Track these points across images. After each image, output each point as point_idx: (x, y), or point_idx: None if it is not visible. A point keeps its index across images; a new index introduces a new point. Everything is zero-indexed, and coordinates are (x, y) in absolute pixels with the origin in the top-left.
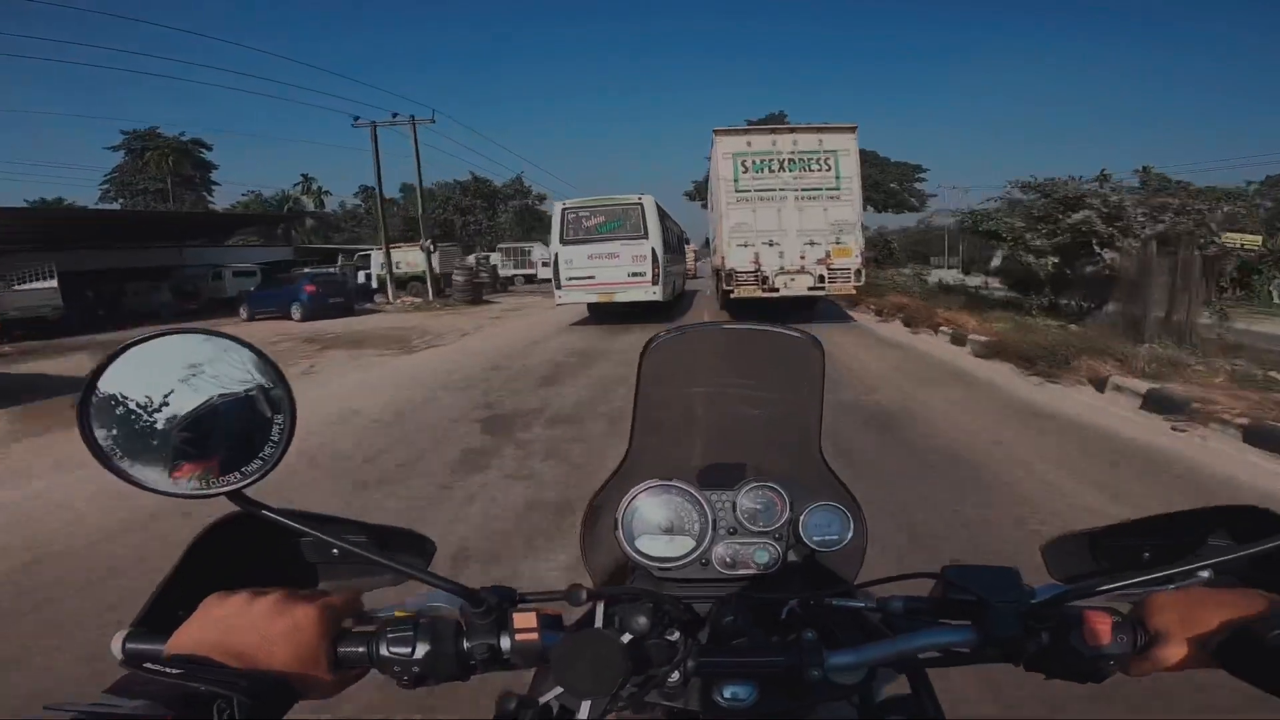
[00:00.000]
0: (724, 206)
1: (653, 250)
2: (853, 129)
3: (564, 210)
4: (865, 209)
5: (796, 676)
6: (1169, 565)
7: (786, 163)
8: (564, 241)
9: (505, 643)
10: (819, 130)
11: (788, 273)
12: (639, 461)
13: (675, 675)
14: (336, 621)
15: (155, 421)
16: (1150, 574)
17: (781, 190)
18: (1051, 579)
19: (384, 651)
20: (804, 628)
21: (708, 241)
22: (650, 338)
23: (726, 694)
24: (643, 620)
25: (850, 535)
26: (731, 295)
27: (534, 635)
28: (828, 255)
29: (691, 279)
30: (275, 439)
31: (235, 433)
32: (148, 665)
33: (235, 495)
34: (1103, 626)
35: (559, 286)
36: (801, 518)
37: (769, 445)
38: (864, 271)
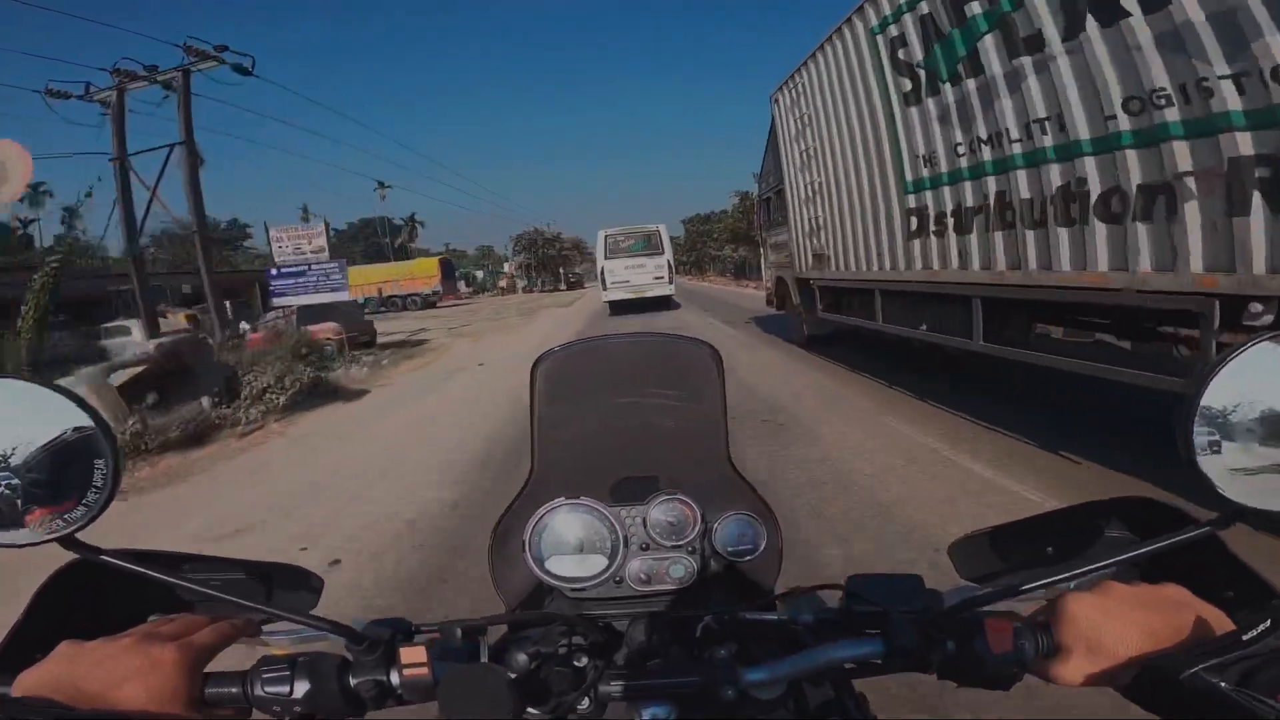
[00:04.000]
0: None
1: (667, 261)
2: None
3: (605, 236)
4: None
5: (714, 695)
6: (1071, 560)
7: None
8: (607, 257)
9: (396, 678)
10: None
11: None
12: (545, 480)
13: (585, 702)
14: (201, 659)
15: None
16: (1054, 575)
17: None
18: (960, 579)
19: (259, 691)
20: (721, 643)
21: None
22: (540, 354)
23: (646, 716)
24: (522, 658)
25: (764, 543)
26: None
27: (424, 670)
28: None
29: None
30: (99, 484)
31: (57, 480)
32: None
33: (68, 541)
34: (1005, 633)
35: (605, 288)
36: (714, 528)
37: (678, 456)
38: None
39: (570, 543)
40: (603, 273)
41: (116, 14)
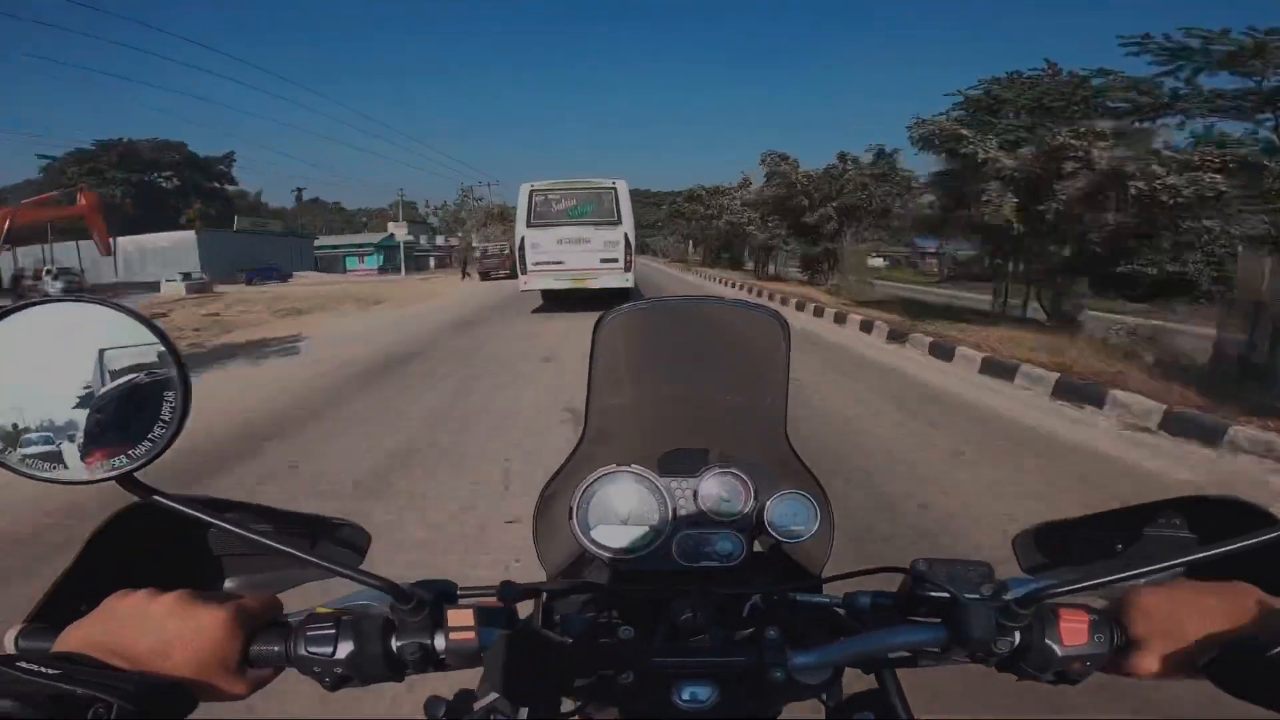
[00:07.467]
0: None
1: (625, 236)
2: None
3: (532, 192)
4: None
5: (759, 676)
6: (1142, 557)
7: None
8: (530, 224)
9: (440, 642)
10: None
11: None
12: (595, 447)
13: (628, 676)
14: (250, 625)
15: (30, 403)
16: (1130, 570)
17: None
18: (1021, 572)
19: (302, 651)
20: (767, 624)
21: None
22: (603, 314)
23: (685, 695)
24: (587, 618)
25: (817, 525)
26: None
27: (470, 634)
28: None
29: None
30: (166, 418)
31: (123, 413)
32: (22, 664)
33: (127, 480)
34: (1080, 625)
35: (524, 271)
36: (767, 506)
37: (733, 430)
38: None
39: (618, 512)
40: (522, 246)
41: None
